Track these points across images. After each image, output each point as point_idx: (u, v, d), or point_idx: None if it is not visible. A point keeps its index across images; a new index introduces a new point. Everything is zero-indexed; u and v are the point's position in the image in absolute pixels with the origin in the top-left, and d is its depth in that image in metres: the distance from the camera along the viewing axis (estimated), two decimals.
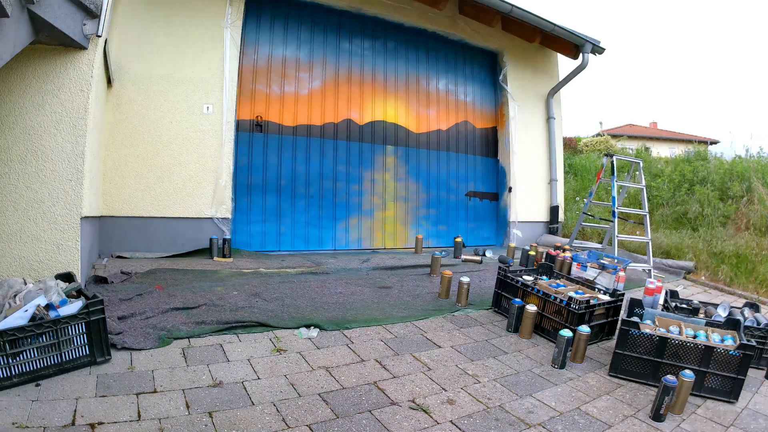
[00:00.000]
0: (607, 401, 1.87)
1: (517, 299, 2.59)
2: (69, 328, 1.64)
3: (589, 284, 2.87)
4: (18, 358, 1.51)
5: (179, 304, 2.31)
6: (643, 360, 2.07)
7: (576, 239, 5.03)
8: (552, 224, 5.82)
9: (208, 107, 3.76)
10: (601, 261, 3.36)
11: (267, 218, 4.26)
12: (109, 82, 3.28)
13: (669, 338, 2.04)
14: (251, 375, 1.77)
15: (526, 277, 2.81)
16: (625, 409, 1.82)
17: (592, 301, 2.49)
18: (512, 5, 4.63)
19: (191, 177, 3.69)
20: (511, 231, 5.47)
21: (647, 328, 2.16)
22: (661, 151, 14.46)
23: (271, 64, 4.29)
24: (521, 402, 1.79)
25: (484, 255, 4.67)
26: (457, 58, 5.46)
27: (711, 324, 2.25)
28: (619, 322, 2.15)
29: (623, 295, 2.63)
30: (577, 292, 2.66)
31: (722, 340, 2.09)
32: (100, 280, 2.67)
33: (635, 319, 2.26)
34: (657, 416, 1.74)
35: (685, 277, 4.58)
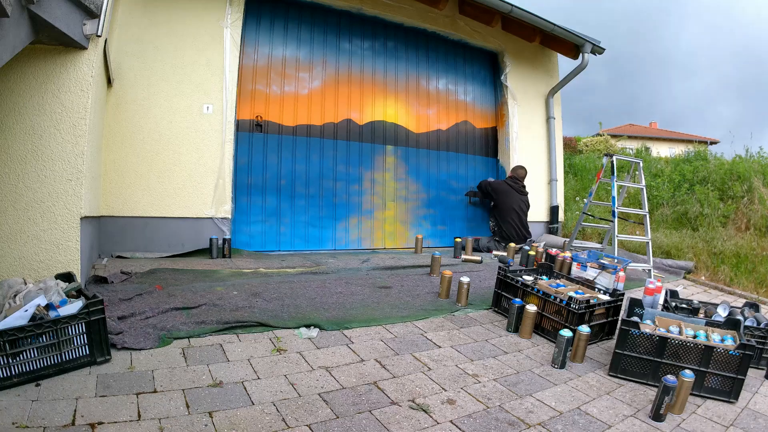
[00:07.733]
0: (607, 401, 1.87)
1: (517, 299, 2.59)
2: (69, 328, 1.64)
3: (589, 284, 2.87)
4: (18, 358, 1.51)
5: (179, 304, 2.31)
6: (643, 360, 2.07)
7: (576, 239, 5.03)
8: (552, 224, 5.82)
9: (208, 107, 3.76)
10: (601, 261, 3.36)
11: (267, 218, 4.27)
12: (109, 81, 3.28)
13: (669, 338, 2.04)
14: (251, 375, 1.77)
15: (526, 277, 2.81)
16: (625, 409, 1.82)
17: (592, 301, 2.49)
18: (512, 5, 4.64)
19: (191, 177, 3.70)
20: None
21: (647, 328, 2.16)
22: (661, 151, 14.47)
23: (271, 63, 4.29)
24: (521, 402, 1.79)
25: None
26: (457, 57, 5.46)
27: (711, 324, 2.25)
28: (619, 322, 2.15)
29: (623, 295, 2.63)
30: (577, 292, 2.65)
31: (722, 340, 2.09)
32: (100, 280, 2.67)
33: (635, 318, 2.26)
34: (657, 416, 1.74)
35: (685, 277, 4.58)
